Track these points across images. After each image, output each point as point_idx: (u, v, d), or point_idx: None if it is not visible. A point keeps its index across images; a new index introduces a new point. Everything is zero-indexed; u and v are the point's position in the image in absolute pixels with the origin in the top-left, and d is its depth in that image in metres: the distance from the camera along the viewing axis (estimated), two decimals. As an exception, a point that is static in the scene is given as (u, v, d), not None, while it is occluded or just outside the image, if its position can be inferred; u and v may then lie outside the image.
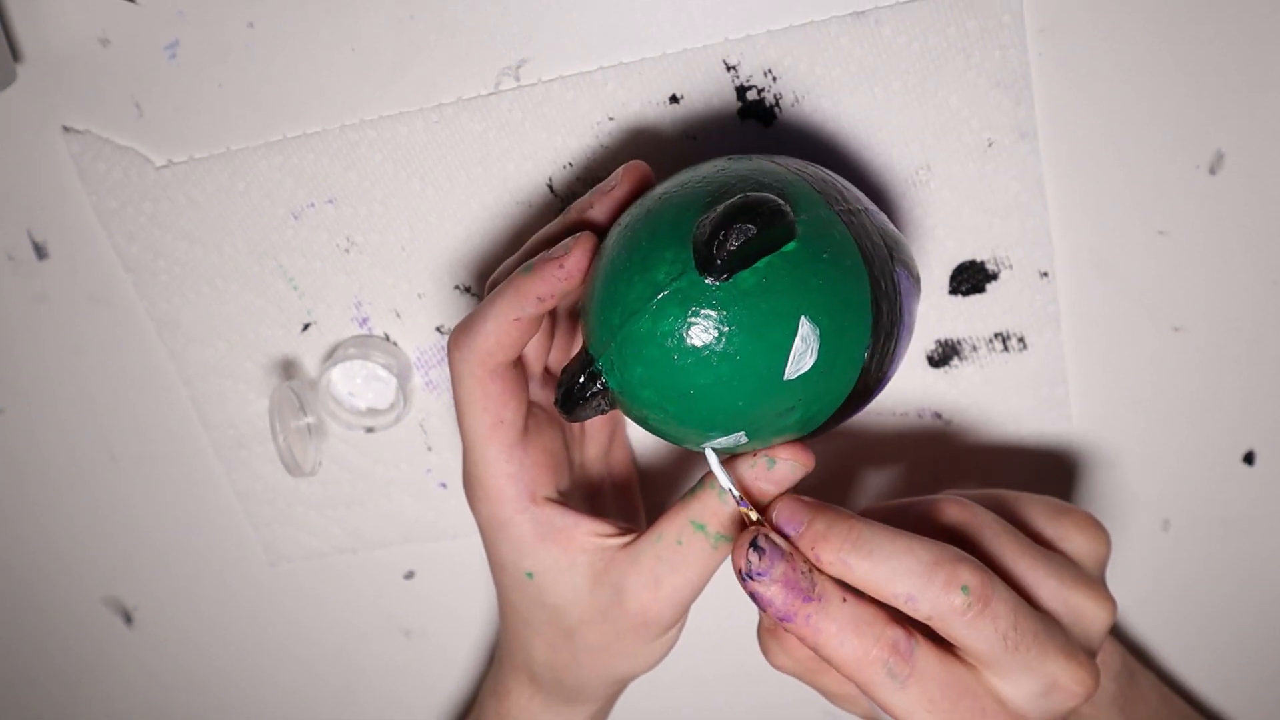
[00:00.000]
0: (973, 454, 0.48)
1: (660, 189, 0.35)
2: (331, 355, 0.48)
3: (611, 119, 0.42)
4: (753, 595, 0.33)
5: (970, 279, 0.45)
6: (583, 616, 0.39)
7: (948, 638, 0.34)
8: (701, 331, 0.32)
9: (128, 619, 0.57)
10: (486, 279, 0.46)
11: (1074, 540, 0.39)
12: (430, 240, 0.46)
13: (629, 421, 0.47)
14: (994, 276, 0.45)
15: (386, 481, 0.51)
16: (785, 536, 0.34)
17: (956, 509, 0.37)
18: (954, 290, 0.45)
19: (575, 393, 0.34)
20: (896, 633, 0.34)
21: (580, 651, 0.41)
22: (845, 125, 0.42)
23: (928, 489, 0.49)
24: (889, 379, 0.35)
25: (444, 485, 0.52)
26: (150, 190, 0.45)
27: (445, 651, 0.56)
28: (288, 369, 0.49)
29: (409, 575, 0.55)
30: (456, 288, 0.47)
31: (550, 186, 0.44)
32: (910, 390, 0.47)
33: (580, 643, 0.40)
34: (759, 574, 0.33)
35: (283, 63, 0.43)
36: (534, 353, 0.41)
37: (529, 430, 0.39)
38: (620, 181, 0.37)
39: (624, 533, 0.39)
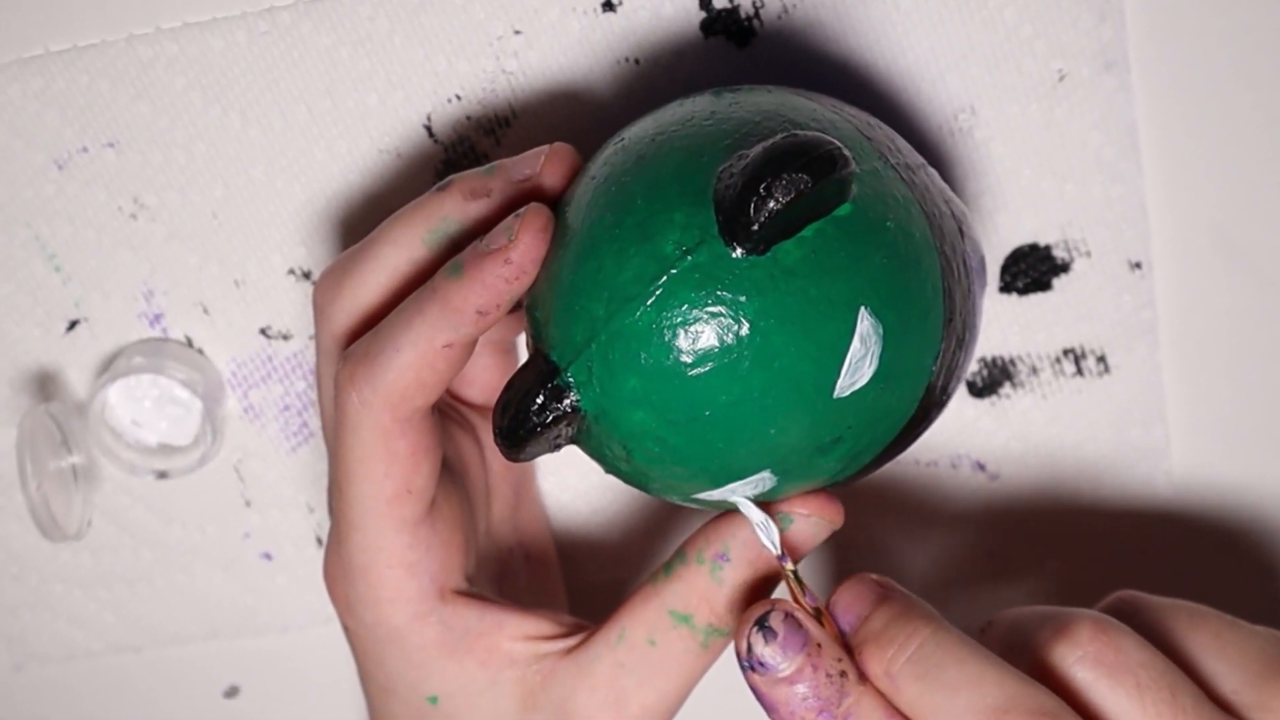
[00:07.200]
0: (1029, 524, 0.45)
1: (646, 127, 0.33)
2: (109, 367, 0.45)
3: (518, 33, 0.40)
4: (753, 690, 0.32)
5: (1030, 270, 0.42)
6: None
7: None
8: (728, 326, 0.30)
9: None
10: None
11: None
12: (254, 204, 0.43)
13: (539, 470, 0.45)
14: (1064, 268, 0.42)
15: (186, 550, 0.48)
16: (841, 630, 0.34)
17: (1106, 680, 0.33)
18: (1007, 287, 0.42)
19: (531, 419, 0.32)
20: None
21: None
22: (854, 47, 0.39)
23: (972, 571, 0.46)
24: (948, 403, 0.34)
25: (268, 556, 0.48)
26: None
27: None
28: (45, 386, 0.46)
29: (231, 692, 0.51)
30: (291, 273, 0.43)
31: (428, 128, 0.41)
32: (942, 429, 0.44)
33: None
34: (762, 665, 0.32)
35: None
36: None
37: (436, 499, 0.37)
38: (544, 167, 0.34)
39: (567, 632, 0.37)
